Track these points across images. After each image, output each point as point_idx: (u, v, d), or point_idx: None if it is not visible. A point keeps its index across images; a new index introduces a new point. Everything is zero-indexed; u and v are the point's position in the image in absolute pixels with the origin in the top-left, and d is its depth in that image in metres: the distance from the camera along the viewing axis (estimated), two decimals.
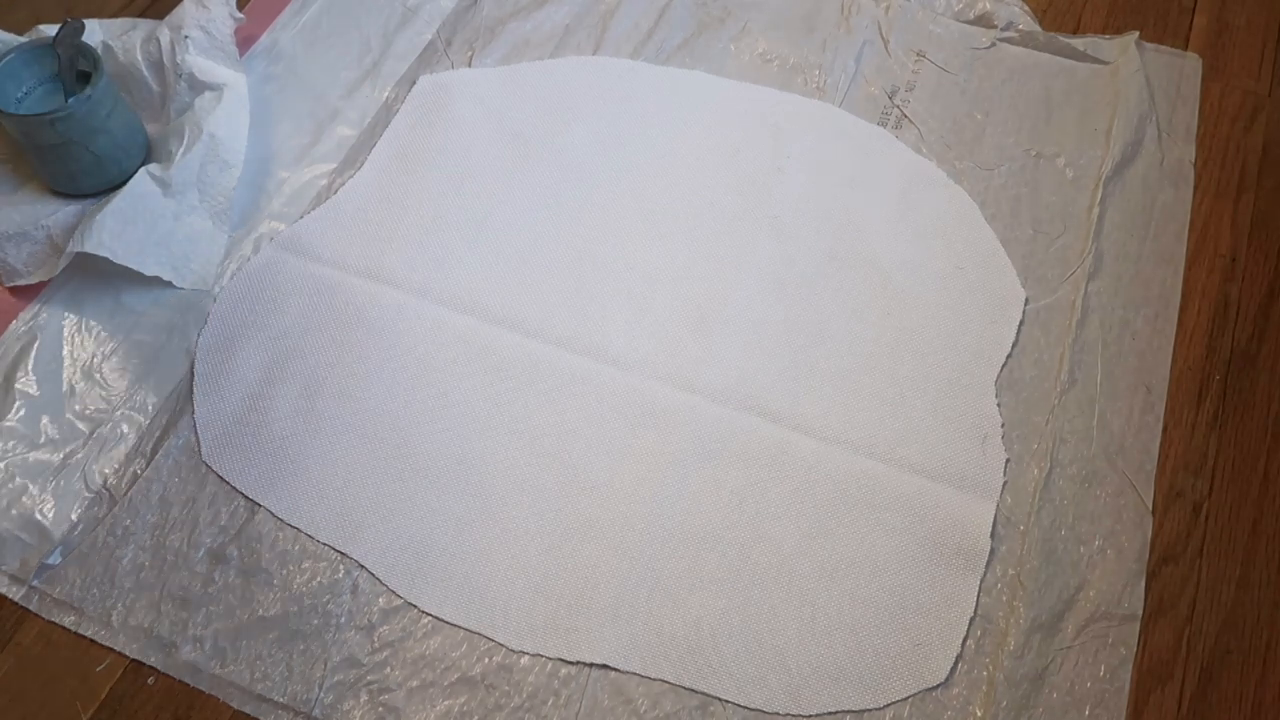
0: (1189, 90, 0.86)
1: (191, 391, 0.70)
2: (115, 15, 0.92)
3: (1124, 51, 0.87)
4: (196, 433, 0.68)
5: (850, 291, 0.74)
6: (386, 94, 0.87)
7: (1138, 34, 0.88)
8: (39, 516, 0.65)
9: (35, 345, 0.72)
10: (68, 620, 0.62)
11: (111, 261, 0.72)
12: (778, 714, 0.58)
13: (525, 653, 0.60)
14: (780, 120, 0.84)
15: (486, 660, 0.60)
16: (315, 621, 0.61)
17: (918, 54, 0.89)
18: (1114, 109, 0.84)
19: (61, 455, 0.68)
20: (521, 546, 0.63)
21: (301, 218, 0.79)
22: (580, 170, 0.81)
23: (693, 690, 0.59)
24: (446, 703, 0.58)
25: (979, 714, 0.57)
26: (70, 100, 0.74)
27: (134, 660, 0.60)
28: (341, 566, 0.63)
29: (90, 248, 0.71)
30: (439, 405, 0.69)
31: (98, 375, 0.71)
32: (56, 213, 0.76)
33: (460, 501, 0.65)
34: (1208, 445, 0.68)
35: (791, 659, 0.59)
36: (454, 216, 0.79)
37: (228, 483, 0.66)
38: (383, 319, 0.73)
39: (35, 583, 0.63)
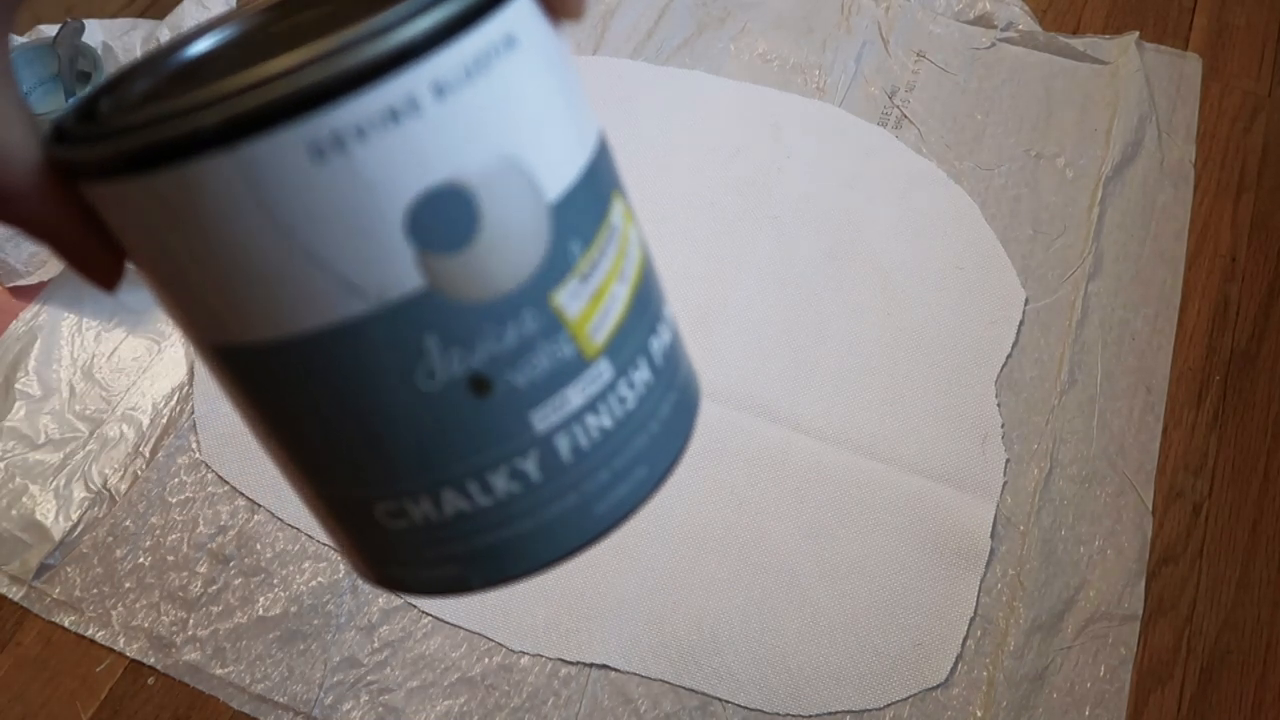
0: (1189, 90, 0.86)
1: (191, 391, 0.70)
2: (115, 15, 0.92)
3: (1124, 51, 0.87)
4: (196, 432, 0.68)
5: (850, 291, 0.74)
6: None
7: (1138, 34, 0.88)
8: (39, 516, 0.65)
9: (35, 345, 0.72)
10: (68, 620, 0.62)
11: None
12: (778, 714, 0.58)
13: (525, 653, 0.60)
14: (780, 120, 0.84)
15: (486, 660, 0.60)
16: (315, 621, 0.61)
17: (918, 54, 0.89)
18: (1114, 109, 0.84)
19: (61, 455, 0.68)
20: None
21: None
22: None
23: (693, 690, 0.59)
24: (446, 703, 0.58)
25: (979, 714, 0.57)
26: (70, 100, 0.74)
27: (134, 660, 0.60)
28: (341, 566, 0.63)
29: None
30: None
31: (98, 375, 0.71)
32: None
33: None
34: (1208, 445, 0.68)
35: (792, 659, 0.59)
36: None
37: (228, 483, 0.66)
38: None
39: (35, 583, 0.63)
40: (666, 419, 0.21)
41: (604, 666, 0.59)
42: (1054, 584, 0.62)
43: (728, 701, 0.58)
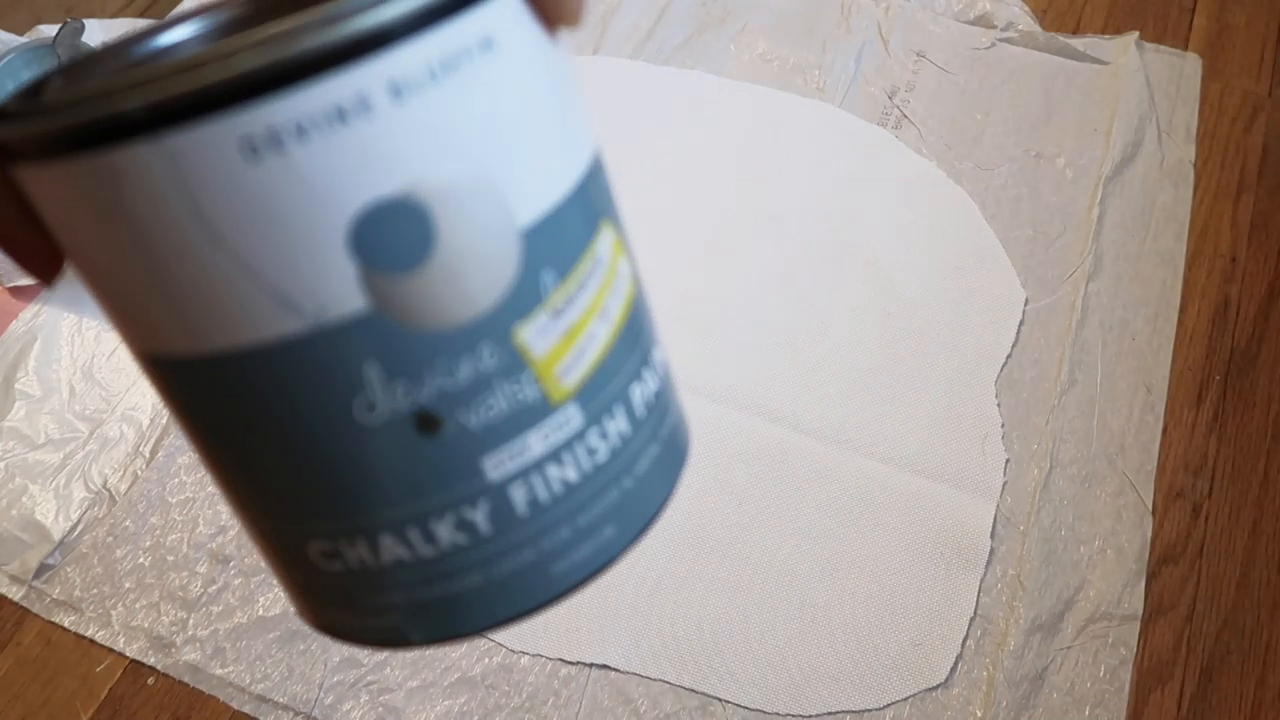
0: (1189, 90, 0.86)
1: None
2: (115, 15, 0.92)
3: (1124, 52, 0.87)
4: None
5: (850, 291, 0.74)
6: None
7: (1138, 34, 0.88)
8: (39, 516, 0.65)
9: (35, 345, 0.72)
10: (68, 620, 0.62)
11: None
12: (778, 714, 0.58)
13: (525, 653, 0.60)
14: (780, 120, 0.85)
15: (486, 660, 0.60)
16: None
17: (918, 54, 0.89)
18: (1114, 109, 0.84)
19: (61, 455, 0.68)
20: None
21: None
22: None
23: (693, 690, 0.59)
24: (446, 703, 0.58)
25: (979, 714, 0.57)
26: None
27: (134, 660, 0.60)
28: None
29: None
30: None
31: (98, 375, 0.71)
32: None
33: None
34: (1208, 445, 0.68)
35: (791, 659, 0.59)
36: None
37: None
38: None
39: (35, 583, 0.63)
40: (644, 475, 0.19)
41: (604, 666, 0.59)
42: (1054, 584, 0.62)
43: (728, 701, 0.58)
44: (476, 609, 0.18)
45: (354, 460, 0.16)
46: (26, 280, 0.74)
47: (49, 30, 0.79)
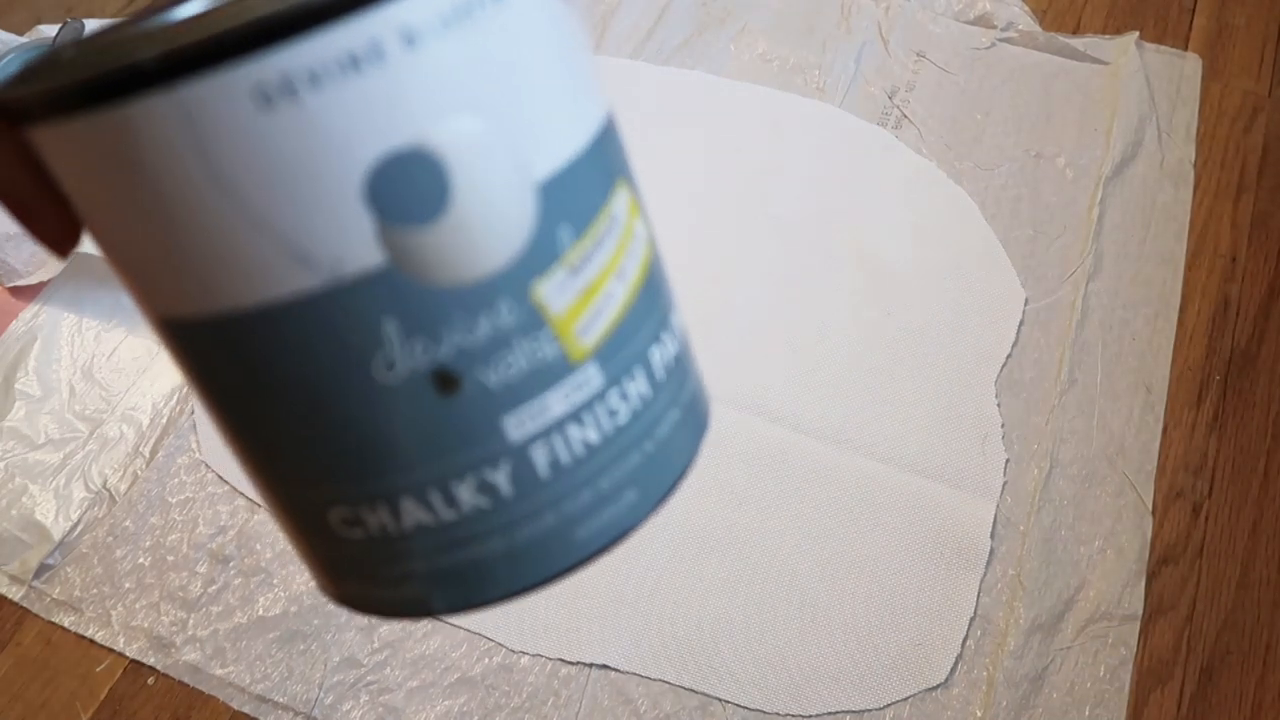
0: (1189, 90, 0.86)
1: (191, 391, 0.70)
2: (115, 15, 0.92)
3: (1124, 52, 0.87)
4: (196, 432, 0.68)
5: (850, 291, 0.74)
6: None
7: (1138, 34, 0.88)
8: (39, 516, 0.65)
9: (35, 345, 0.72)
10: (68, 620, 0.62)
11: None
12: (778, 714, 0.58)
13: (525, 653, 0.60)
14: (780, 120, 0.85)
15: (486, 660, 0.60)
16: (315, 622, 0.61)
17: (918, 54, 0.89)
18: (1114, 109, 0.84)
19: (61, 455, 0.68)
20: None
21: None
22: None
23: (693, 690, 0.59)
24: (446, 703, 0.58)
25: (979, 714, 0.58)
26: None
27: (134, 660, 0.60)
28: None
29: (90, 248, 0.71)
30: None
31: (98, 375, 0.71)
32: None
33: None
34: (1208, 445, 0.68)
35: (791, 659, 0.59)
36: None
37: (228, 483, 0.66)
38: None
39: (35, 583, 0.63)
40: (665, 439, 0.19)
41: (604, 666, 0.59)
42: (1054, 584, 0.62)
43: (728, 701, 0.58)
44: (499, 575, 0.18)
45: (374, 421, 0.16)
46: (27, 280, 0.74)
47: (49, 30, 0.79)
